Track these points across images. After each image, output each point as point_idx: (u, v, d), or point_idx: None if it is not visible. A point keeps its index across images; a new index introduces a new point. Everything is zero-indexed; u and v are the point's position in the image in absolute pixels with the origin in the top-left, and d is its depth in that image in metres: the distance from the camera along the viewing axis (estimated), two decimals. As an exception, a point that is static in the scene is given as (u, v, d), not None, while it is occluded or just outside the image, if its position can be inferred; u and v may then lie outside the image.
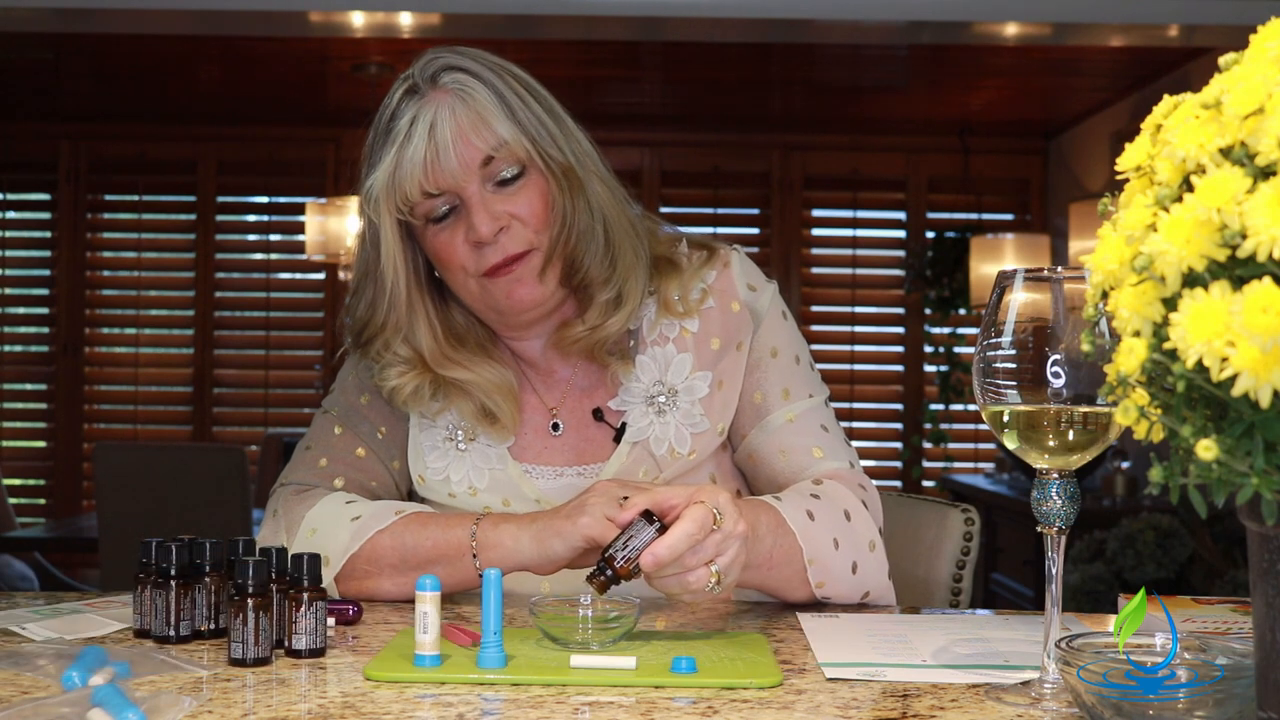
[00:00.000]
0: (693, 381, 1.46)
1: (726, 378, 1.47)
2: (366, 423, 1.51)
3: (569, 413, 1.50)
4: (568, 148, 1.41)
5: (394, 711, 0.91)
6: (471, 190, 1.37)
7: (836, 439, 1.48)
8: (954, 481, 5.80)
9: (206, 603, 1.14)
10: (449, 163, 1.35)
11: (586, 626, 1.10)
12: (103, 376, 6.36)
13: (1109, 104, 5.55)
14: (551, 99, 1.44)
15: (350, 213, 4.98)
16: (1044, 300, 0.95)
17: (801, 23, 4.12)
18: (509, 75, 1.41)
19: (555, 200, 1.40)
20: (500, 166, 1.37)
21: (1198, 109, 0.72)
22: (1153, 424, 0.73)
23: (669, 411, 1.46)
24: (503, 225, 1.38)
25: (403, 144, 1.36)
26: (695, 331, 1.48)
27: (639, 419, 1.46)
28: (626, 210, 1.46)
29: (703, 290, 1.49)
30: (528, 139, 1.38)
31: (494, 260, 1.38)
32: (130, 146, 6.22)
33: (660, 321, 1.48)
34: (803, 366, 1.51)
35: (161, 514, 3.75)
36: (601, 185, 1.44)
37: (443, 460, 1.47)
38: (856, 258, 6.31)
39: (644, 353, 1.48)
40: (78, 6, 4.02)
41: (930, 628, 1.23)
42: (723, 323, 1.49)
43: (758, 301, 1.50)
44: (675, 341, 1.48)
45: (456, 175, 1.36)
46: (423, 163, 1.35)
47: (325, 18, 4.11)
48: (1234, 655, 0.86)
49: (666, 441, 1.45)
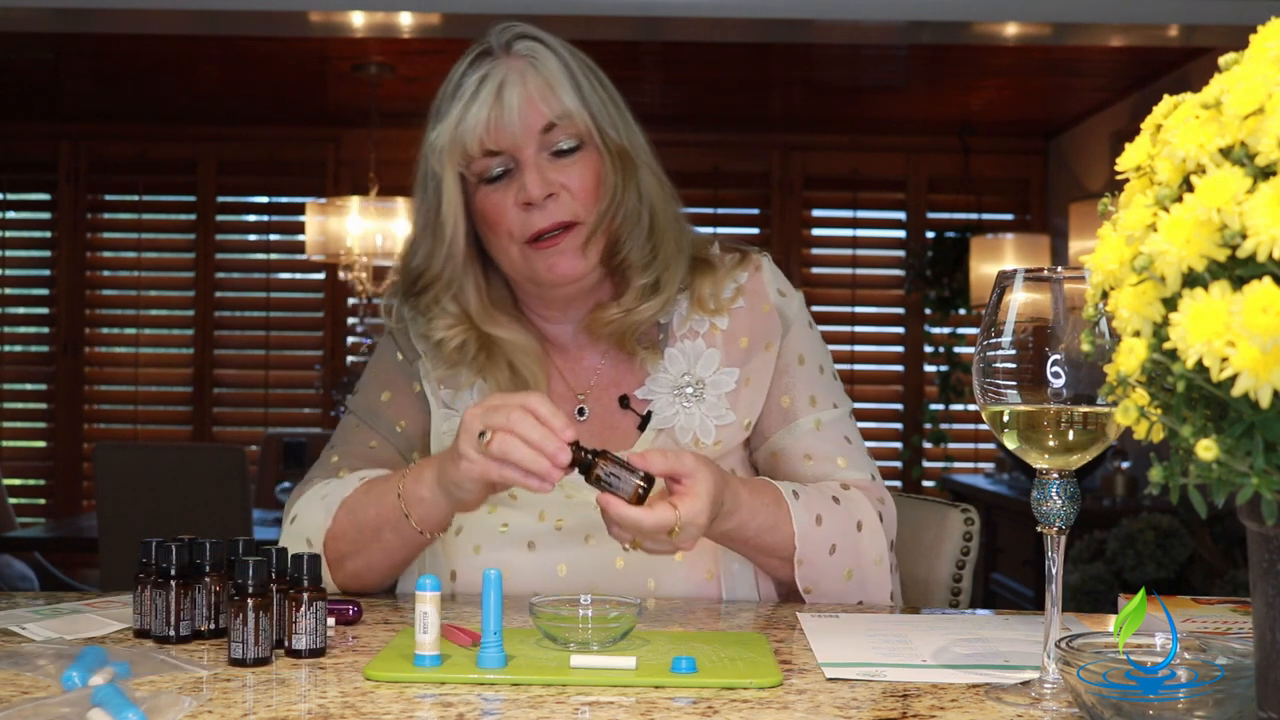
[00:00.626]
0: (720, 376, 1.49)
1: (754, 376, 1.50)
2: (384, 419, 1.53)
3: (595, 400, 1.52)
4: (625, 133, 1.46)
5: (394, 711, 0.91)
6: (528, 153, 1.40)
7: (859, 451, 1.51)
8: (954, 481, 5.80)
9: (206, 603, 1.14)
10: (511, 123, 1.39)
11: (586, 626, 1.10)
12: (103, 376, 6.36)
13: (1109, 104, 5.55)
14: (615, 91, 1.49)
15: (350, 212, 4.98)
16: (1044, 300, 0.95)
17: (801, 23, 4.11)
18: (579, 56, 1.46)
19: (607, 178, 1.43)
20: (560, 136, 1.41)
21: (1198, 109, 0.72)
22: (1153, 424, 0.73)
23: (695, 403, 1.48)
24: (553, 192, 1.41)
25: (469, 101, 1.40)
26: (725, 329, 1.51)
27: (665, 408, 1.48)
28: (672, 205, 1.50)
29: (735, 289, 1.53)
30: (589, 114, 1.42)
31: (540, 225, 1.41)
32: (130, 146, 6.22)
33: (691, 317, 1.51)
34: (827, 376, 1.54)
35: (161, 514, 3.75)
36: (652, 176, 1.48)
37: None
38: (856, 258, 6.31)
39: (673, 345, 1.50)
40: (78, 6, 4.01)
41: (930, 628, 1.23)
42: (752, 323, 1.52)
43: (787, 307, 1.54)
44: (705, 337, 1.51)
45: (517, 136, 1.40)
46: (486, 120, 1.40)
47: (325, 18, 4.10)
48: (1234, 655, 0.86)
49: (691, 431, 1.47)
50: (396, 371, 1.55)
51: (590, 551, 1.42)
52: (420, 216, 1.49)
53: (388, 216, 5.01)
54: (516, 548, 1.43)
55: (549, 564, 1.42)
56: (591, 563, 1.42)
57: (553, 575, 1.42)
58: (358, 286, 5.12)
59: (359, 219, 4.97)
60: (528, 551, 1.43)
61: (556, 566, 1.42)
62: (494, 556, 1.43)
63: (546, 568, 1.42)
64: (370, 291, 5.13)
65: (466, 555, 1.44)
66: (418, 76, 5.40)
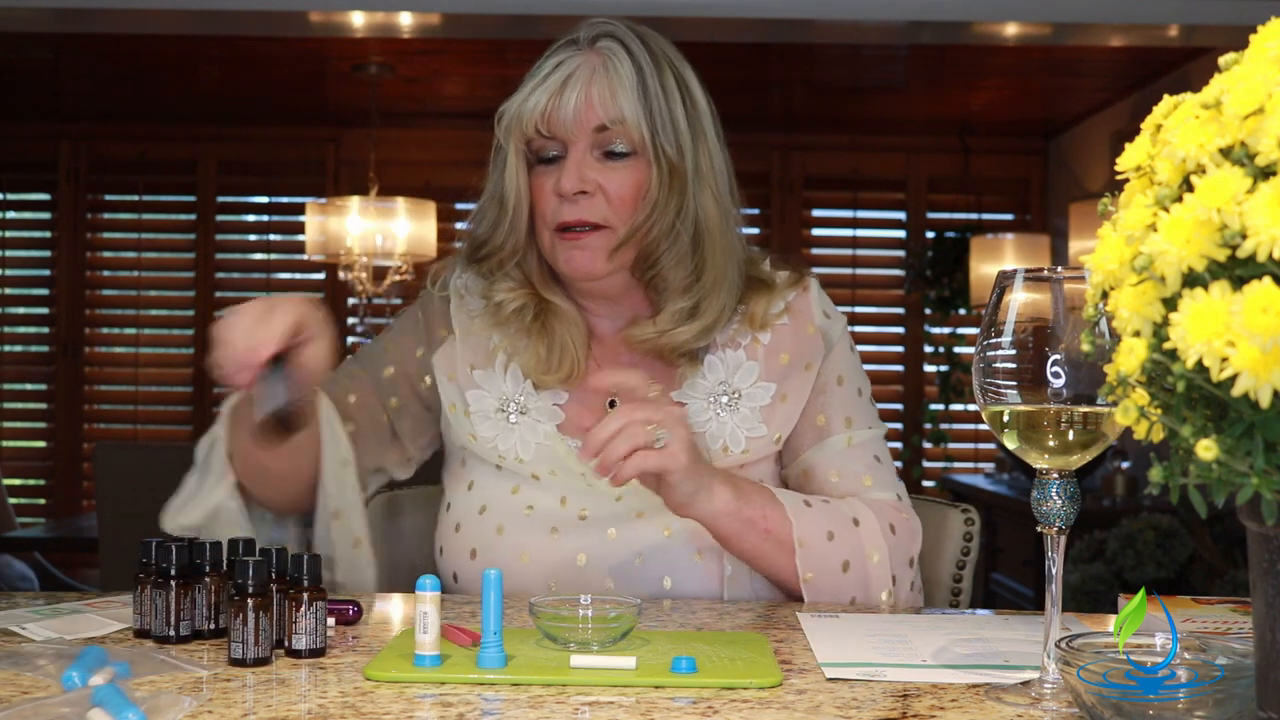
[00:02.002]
0: (756, 389, 1.49)
1: (791, 393, 1.50)
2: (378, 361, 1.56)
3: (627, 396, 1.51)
4: (689, 152, 1.44)
5: (394, 711, 0.91)
6: (578, 146, 1.43)
7: (888, 471, 1.53)
8: (954, 481, 5.79)
9: (206, 603, 1.14)
10: (565, 116, 1.42)
11: (586, 626, 1.10)
12: (103, 376, 6.36)
13: (1109, 104, 5.55)
14: (705, 111, 1.48)
15: (350, 212, 4.98)
16: (1044, 300, 0.95)
17: (801, 23, 4.11)
18: (669, 68, 1.45)
19: (651, 190, 1.43)
20: (613, 138, 1.43)
21: (1198, 109, 0.72)
22: (1153, 424, 0.73)
23: (729, 412, 1.48)
24: (587, 190, 1.42)
25: (537, 84, 1.44)
26: (766, 344, 1.51)
27: (699, 413, 1.48)
28: (732, 234, 1.49)
29: (783, 307, 1.53)
30: (647, 125, 1.42)
31: (566, 218, 1.43)
32: (130, 146, 6.22)
33: (736, 330, 1.52)
34: (864, 399, 1.55)
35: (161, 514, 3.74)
36: (713, 202, 1.46)
37: (492, 430, 1.49)
38: (856, 258, 6.31)
39: (714, 353, 1.51)
40: (78, 6, 4.01)
41: (930, 628, 1.23)
42: (795, 341, 1.52)
43: (831, 329, 1.55)
44: (746, 349, 1.51)
45: (568, 128, 1.42)
46: (544, 107, 1.42)
47: (325, 18, 4.10)
48: (1234, 655, 0.86)
49: (722, 439, 1.48)
50: (410, 329, 1.58)
51: (611, 544, 1.43)
52: (489, 187, 1.51)
53: (388, 216, 5.01)
54: (539, 532, 1.44)
55: (569, 552, 1.43)
56: (611, 556, 1.43)
57: (571, 564, 1.43)
58: (358, 286, 5.12)
59: (359, 219, 4.97)
60: (550, 536, 1.44)
61: (576, 555, 1.43)
62: (516, 539, 1.44)
63: (566, 555, 1.43)
64: (370, 291, 5.13)
65: (489, 536, 1.46)
66: (418, 76, 5.40)
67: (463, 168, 5.56)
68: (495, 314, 1.50)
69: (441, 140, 6.10)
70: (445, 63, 5.24)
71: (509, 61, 5.22)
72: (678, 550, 1.43)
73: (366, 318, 5.78)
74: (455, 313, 1.55)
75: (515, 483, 1.47)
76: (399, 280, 5.15)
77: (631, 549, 1.42)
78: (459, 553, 1.48)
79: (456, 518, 1.50)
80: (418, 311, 1.59)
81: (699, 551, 1.43)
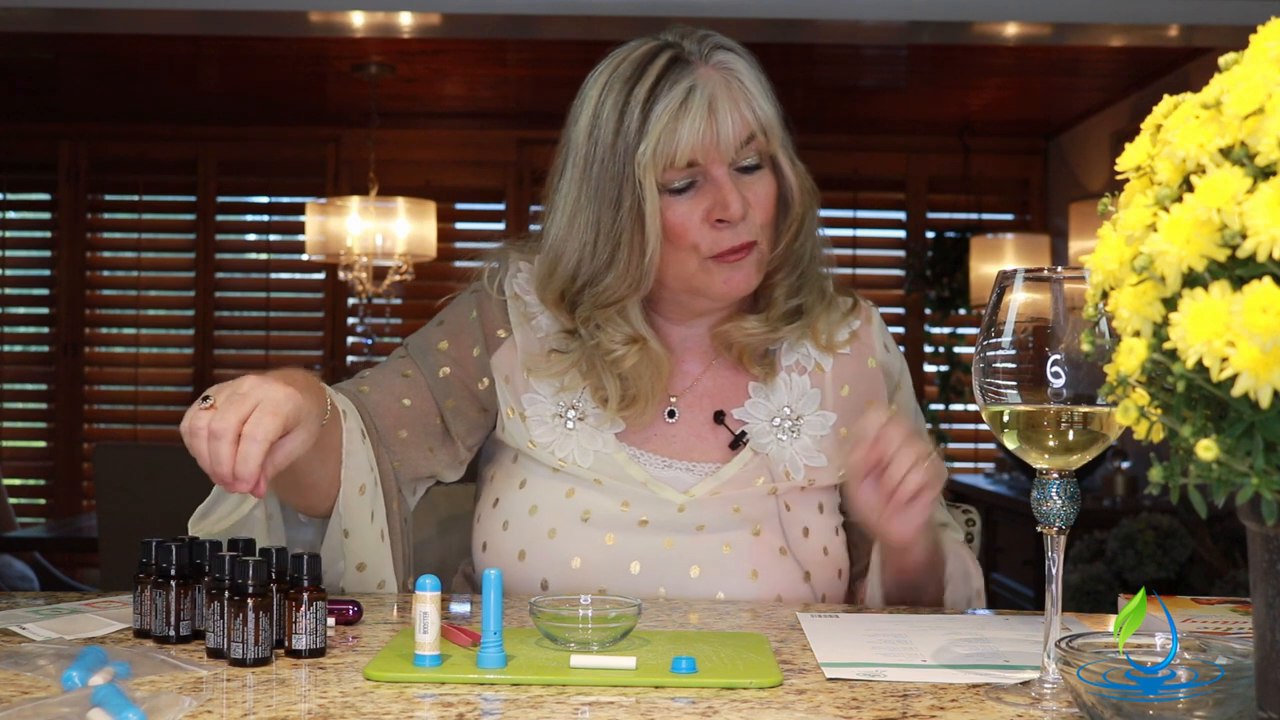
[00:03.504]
0: (817, 417, 1.50)
1: (850, 428, 1.48)
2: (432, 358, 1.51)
3: (686, 407, 1.50)
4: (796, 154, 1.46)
5: (394, 711, 0.91)
6: (722, 169, 1.38)
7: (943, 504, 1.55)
8: (954, 481, 5.79)
9: (206, 603, 1.14)
10: (726, 137, 1.37)
11: (586, 626, 1.10)
12: (103, 376, 6.36)
13: (1109, 104, 5.55)
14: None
15: (350, 212, 4.98)
16: (1044, 300, 0.95)
17: (801, 23, 4.11)
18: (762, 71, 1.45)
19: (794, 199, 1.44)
20: (750, 151, 1.40)
21: (1198, 109, 0.72)
22: (1153, 424, 0.73)
23: (790, 436, 1.48)
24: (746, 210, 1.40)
25: (678, 111, 1.36)
26: (828, 371, 1.51)
27: (761, 434, 1.48)
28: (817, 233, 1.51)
29: (849, 334, 1.54)
30: (780, 129, 1.42)
31: (731, 243, 1.40)
32: (130, 146, 6.22)
33: (798, 350, 1.51)
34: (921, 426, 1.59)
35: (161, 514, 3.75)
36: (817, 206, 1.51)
37: (549, 435, 1.47)
38: (856, 258, 6.31)
39: (778, 375, 1.50)
40: (78, 6, 4.01)
41: (930, 628, 1.23)
42: (856, 373, 1.52)
43: (893, 364, 1.56)
44: (811, 375, 1.51)
45: (728, 149, 1.37)
46: (701, 132, 1.36)
47: (325, 18, 4.10)
48: (1234, 655, 0.86)
49: (783, 463, 1.47)
50: (465, 328, 1.52)
51: (667, 555, 1.42)
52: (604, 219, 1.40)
53: (388, 216, 5.01)
54: (593, 537, 1.42)
55: (622, 558, 1.41)
56: (666, 566, 1.41)
57: (624, 571, 1.41)
58: (358, 286, 5.12)
59: (359, 219, 4.97)
60: (605, 543, 1.42)
61: (631, 563, 1.41)
62: (568, 543, 1.42)
63: (619, 562, 1.41)
64: (370, 291, 5.13)
65: (539, 538, 1.43)
66: (418, 76, 5.40)
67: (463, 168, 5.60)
68: (601, 359, 1.44)
69: (441, 140, 6.10)
70: (445, 63, 5.24)
71: (509, 61, 5.22)
72: (735, 568, 1.42)
73: (366, 318, 5.78)
74: (513, 314, 1.51)
75: (570, 485, 1.45)
76: (399, 280, 5.15)
77: (687, 561, 1.41)
78: (505, 553, 1.44)
79: (505, 515, 1.46)
80: (473, 310, 1.53)
81: (757, 571, 1.42)
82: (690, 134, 1.35)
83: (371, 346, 5.75)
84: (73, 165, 6.23)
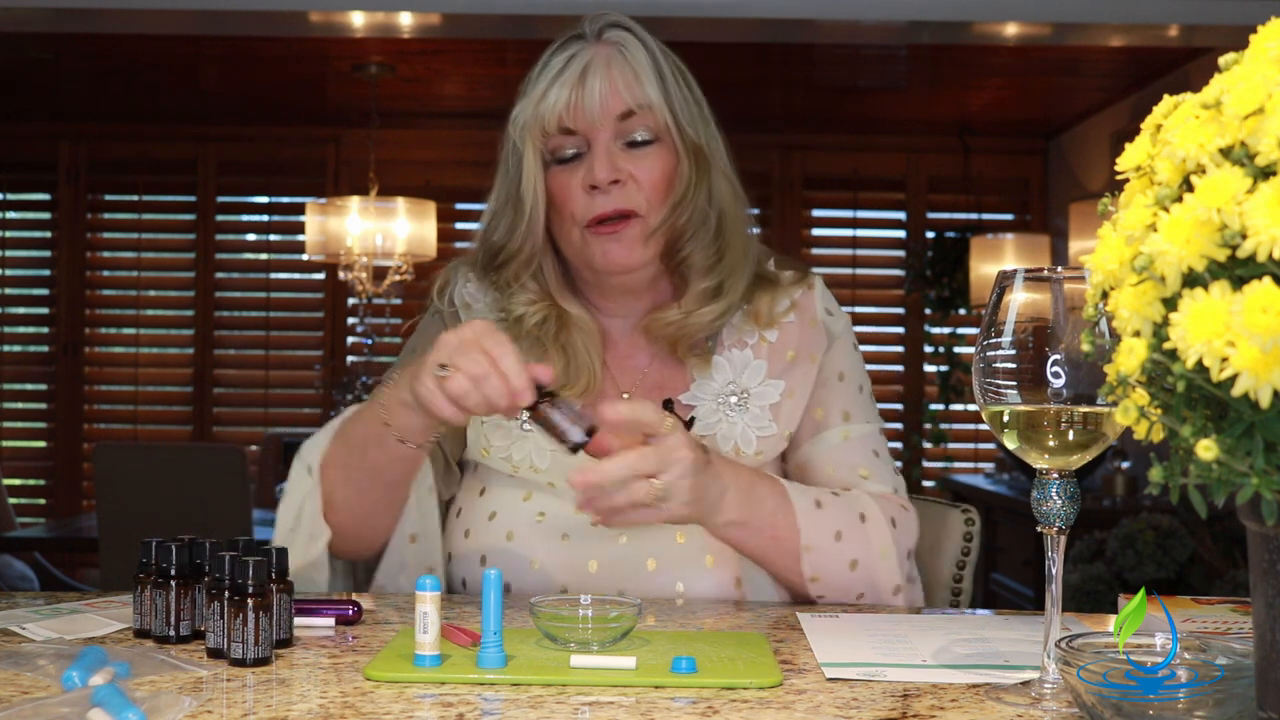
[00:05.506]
0: (765, 387, 1.49)
1: (797, 388, 1.50)
2: None
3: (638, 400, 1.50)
4: (704, 133, 1.47)
5: (394, 711, 0.91)
6: (602, 137, 1.42)
7: (885, 465, 1.52)
8: (954, 481, 5.79)
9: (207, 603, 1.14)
10: (591, 105, 1.41)
11: (586, 626, 1.10)
12: (103, 376, 6.36)
13: (1109, 104, 5.55)
14: (700, 94, 1.51)
15: (350, 212, 4.98)
16: (1044, 300, 0.95)
17: (801, 23, 4.11)
18: (669, 54, 1.48)
19: (681, 175, 1.45)
20: (636, 125, 1.43)
21: (1198, 109, 0.72)
22: (1153, 424, 0.73)
23: (739, 412, 1.48)
24: (619, 179, 1.42)
25: (553, 79, 1.43)
26: (773, 342, 1.52)
27: (709, 415, 1.48)
28: (743, 214, 1.51)
29: (789, 304, 1.54)
30: (670, 109, 1.44)
31: (602, 210, 1.42)
32: (130, 146, 6.22)
33: (742, 328, 1.52)
34: (865, 395, 1.55)
35: (161, 514, 3.75)
36: (725, 181, 1.49)
37: (505, 440, 1.48)
38: (856, 258, 6.31)
39: (721, 354, 1.51)
40: (78, 6, 4.01)
41: (930, 628, 1.23)
42: (800, 336, 1.53)
43: (834, 324, 1.56)
44: (753, 348, 1.51)
45: (595, 119, 1.41)
46: (567, 100, 1.41)
47: (325, 18, 4.10)
48: (1234, 655, 0.86)
49: (733, 440, 1.47)
50: None
51: (623, 549, 1.42)
52: (501, 191, 1.49)
53: (388, 216, 5.01)
54: (550, 539, 1.43)
55: (581, 559, 1.42)
56: (624, 562, 1.42)
57: (583, 571, 1.42)
58: (358, 286, 5.12)
59: (359, 219, 4.97)
60: (561, 543, 1.43)
61: (588, 562, 1.42)
62: (526, 546, 1.43)
63: (578, 562, 1.42)
64: (370, 291, 5.13)
65: (499, 542, 1.44)
66: (418, 76, 5.40)
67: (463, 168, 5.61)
68: (515, 328, 1.47)
69: (441, 140, 6.10)
70: (445, 63, 5.24)
71: (509, 61, 5.22)
72: (691, 556, 1.42)
73: (366, 318, 5.78)
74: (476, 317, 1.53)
75: (527, 490, 1.46)
76: (399, 280, 5.15)
77: (644, 554, 1.42)
78: (468, 559, 1.46)
79: (466, 524, 1.49)
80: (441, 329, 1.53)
81: (712, 557, 1.42)
82: (557, 99, 1.41)
83: (371, 346, 5.75)
84: (73, 165, 6.23)
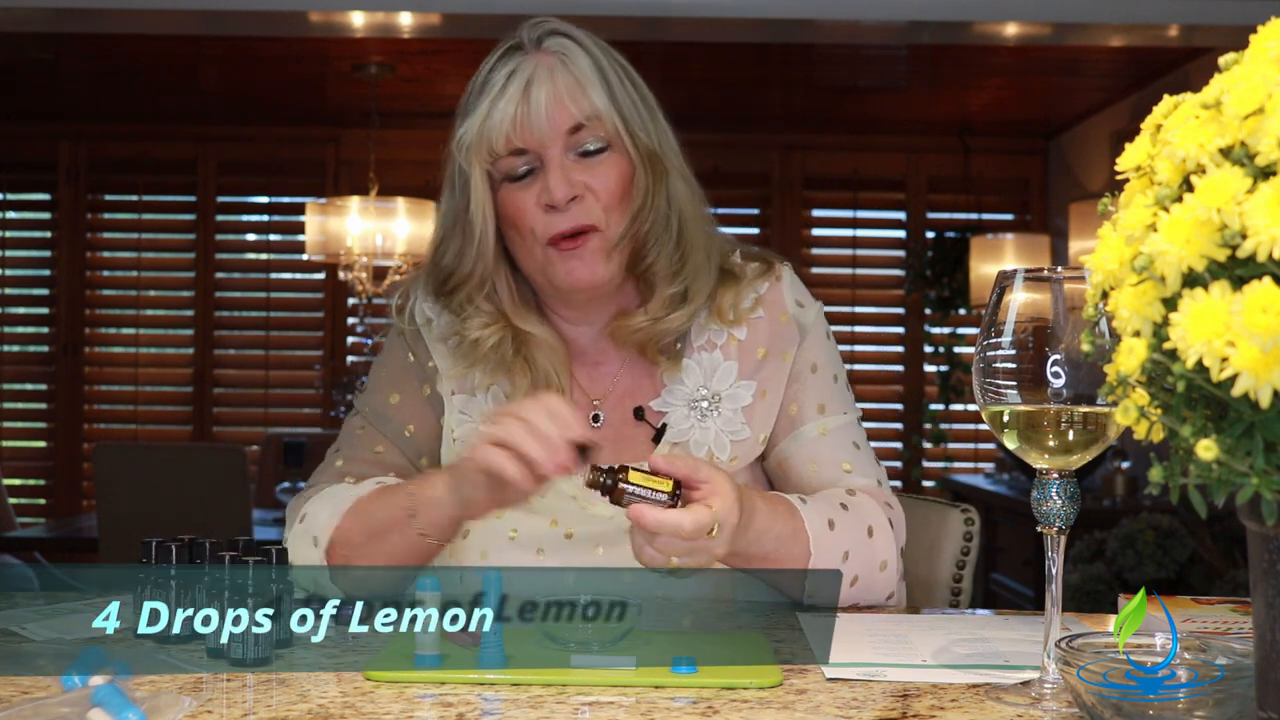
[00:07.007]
0: (736, 390, 1.47)
1: (769, 387, 1.47)
2: (393, 423, 1.50)
3: (610, 408, 1.49)
4: (655, 135, 1.43)
5: (394, 711, 0.91)
6: (553, 153, 1.37)
7: (866, 457, 1.50)
8: (954, 481, 5.79)
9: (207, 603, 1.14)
10: (538, 121, 1.36)
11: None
12: (103, 376, 6.36)
13: (1109, 104, 5.55)
14: (648, 91, 1.45)
15: (350, 212, 4.98)
16: (1044, 300, 0.95)
17: (801, 23, 4.11)
18: (612, 55, 1.43)
19: (636, 182, 1.41)
20: (587, 136, 1.38)
21: (1198, 109, 0.72)
22: (1153, 424, 0.73)
23: (711, 417, 1.46)
24: (577, 194, 1.38)
25: (496, 96, 1.37)
26: (742, 340, 1.48)
27: (680, 421, 1.46)
28: (702, 212, 1.48)
29: (755, 300, 1.50)
30: (619, 116, 1.39)
31: (562, 227, 1.38)
32: (130, 146, 6.22)
33: (709, 327, 1.48)
34: (840, 385, 1.52)
35: (161, 514, 3.75)
36: (682, 182, 1.46)
37: None
38: (856, 258, 6.31)
39: (690, 357, 1.48)
40: (78, 6, 4.01)
41: (930, 628, 1.23)
42: (770, 333, 1.49)
43: (804, 316, 1.51)
44: (722, 349, 1.48)
45: (543, 135, 1.37)
46: (513, 117, 1.36)
47: (325, 18, 4.10)
48: (1234, 655, 0.86)
49: (706, 445, 1.45)
50: (406, 373, 1.52)
51: (600, 563, 1.41)
52: (449, 214, 1.45)
53: (388, 216, 5.01)
54: (524, 554, 1.41)
55: (555, 572, 1.40)
56: (601, 575, 1.40)
57: (560, 585, 1.40)
58: (358, 286, 5.12)
59: (359, 219, 4.97)
60: (536, 558, 1.41)
61: (564, 576, 1.40)
62: (498, 563, 1.41)
63: (553, 577, 1.40)
64: (370, 291, 5.13)
65: (473, 561, 1.43)
66: (418, 76, 5.40)
67: (463, 168, 5.34)
68: (471, 351, 1.45)
69: (442, 140, 6.05)
70: (445, 63, 5.24)
71: (509, 61, 5.21)
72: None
73: (366, 318, 5.78)
74: (428, 339, 1.51)
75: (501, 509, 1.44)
76: (399, 280, 5.14)
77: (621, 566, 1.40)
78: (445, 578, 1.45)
79: None
80: (407, 352, 1.53)
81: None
82: (502, 118, 1.36)
83: (371, 347, 5.75)
84: (73, 165, 6.23)
